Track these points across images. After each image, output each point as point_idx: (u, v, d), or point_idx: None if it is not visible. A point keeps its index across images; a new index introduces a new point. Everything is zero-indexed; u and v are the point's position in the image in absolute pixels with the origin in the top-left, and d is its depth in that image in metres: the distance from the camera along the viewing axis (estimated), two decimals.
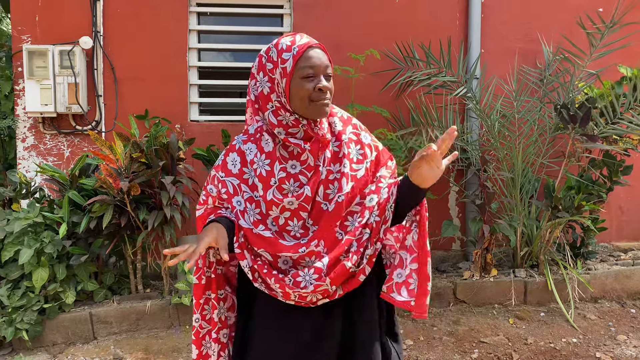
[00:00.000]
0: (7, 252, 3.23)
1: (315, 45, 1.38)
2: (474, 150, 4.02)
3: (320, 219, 1.41)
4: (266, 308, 1.48)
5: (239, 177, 1.43)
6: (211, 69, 4.30)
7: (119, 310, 3.39)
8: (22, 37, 3.91)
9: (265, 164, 1.40)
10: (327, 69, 1.37)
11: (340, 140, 1.45)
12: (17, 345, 3.28)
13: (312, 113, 1.37)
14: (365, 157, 1.48)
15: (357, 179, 1.44)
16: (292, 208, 1.39)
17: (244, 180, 1.43)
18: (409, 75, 4.08)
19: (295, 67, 1.35)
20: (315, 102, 1.35)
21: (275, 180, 1.39)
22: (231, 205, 1.44)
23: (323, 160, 1.41)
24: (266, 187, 1.39)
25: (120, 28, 4.02)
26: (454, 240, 4.44)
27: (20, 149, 3.96)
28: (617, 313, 3.64)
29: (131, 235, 3.51)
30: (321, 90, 1.35)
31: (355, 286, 1.42)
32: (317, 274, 1.35)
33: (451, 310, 3.67)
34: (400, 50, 4.15)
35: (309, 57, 1.35)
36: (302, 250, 1.38)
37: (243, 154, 1.45)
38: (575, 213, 3.77)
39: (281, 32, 4.31)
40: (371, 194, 1.45)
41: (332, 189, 1.41)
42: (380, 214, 1.43)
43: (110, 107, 4.04)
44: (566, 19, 4.34)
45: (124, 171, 3.30)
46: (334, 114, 1.50)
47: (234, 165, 1.45)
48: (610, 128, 3.75)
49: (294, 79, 1.35)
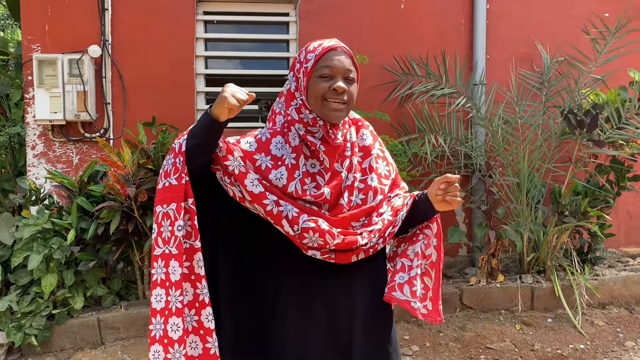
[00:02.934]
0: (16, 258, 3.27)
1: (340, 49, 1.40)
2: (479, 156, 4.02)
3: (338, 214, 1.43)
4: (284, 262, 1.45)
5: (251, 158, 1.41)
6: (218, 76, 4.34)
7: (126, 316, 3.42)
8: (32, 46, 3.97)
9: (291, 157, 1.41)
10: (347, 72, 1.39)
11: (369, 154, 1.50)
12: (26, 351, 3.31)
13: (325, 113, 1.37)
14: (389, 173, 1.55)
15: (385, 193, 1.50)
16: (304, 206, 1.40)
17: (253, 160, 1.41)
18: (409, 87, 4.11)
19: (315, 67, 1.38)
20: (328, 101, 1.36)
21: (300, 173, 1.40)
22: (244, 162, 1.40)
23: (348, 166, 1.44)
24: (290, 178, 1.39)
25: (128, 37, 4.08)
26: (460, 246, 4.43)
27: (30, 156, 4.01)
28: (626, 319, 3.61)
29: (139, 241, 3.53)
30: (336, 90, 1.35)
31: (346, 260, 1.41)
32: (322, 238, 1.35)
33: (457, 316, 3.66)
34: (399, 63, 4.17)
35: (329, 58, 1.38)
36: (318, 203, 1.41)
37: (264, 144, 1.44)
38: (582, 218, 3.75)
39: (287, 40, 4.35)
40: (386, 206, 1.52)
41: (355, 196, 1.44)
42: (392, 215, 1.49)
43: (118, 114, 4.09)
44: (572, 24, 4.35)
45: (132, 177, 3.34)
46: (366, 126, 1.56)
47: (249, 147, 1.44)
48: (616, 133, 3.74)
49: (312, 77, 1.38)
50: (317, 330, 1.43)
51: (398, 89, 4.16)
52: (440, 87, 4.04)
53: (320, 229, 1.34)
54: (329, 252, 1.39)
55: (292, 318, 1.43)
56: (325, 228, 1.34)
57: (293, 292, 1.43)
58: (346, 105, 1.39)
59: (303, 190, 1.38)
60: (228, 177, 1.39)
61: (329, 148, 1.40)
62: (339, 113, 1.38)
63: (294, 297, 1.43)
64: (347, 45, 1.44)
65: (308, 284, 1.44)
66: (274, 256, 1.44)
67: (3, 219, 3.46)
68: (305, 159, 1.41)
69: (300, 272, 1.43)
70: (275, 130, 1.46)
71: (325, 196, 1.39)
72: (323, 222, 1.35)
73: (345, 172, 1.43)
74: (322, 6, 4.22)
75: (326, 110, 1.37)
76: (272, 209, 1.35)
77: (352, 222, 1.42)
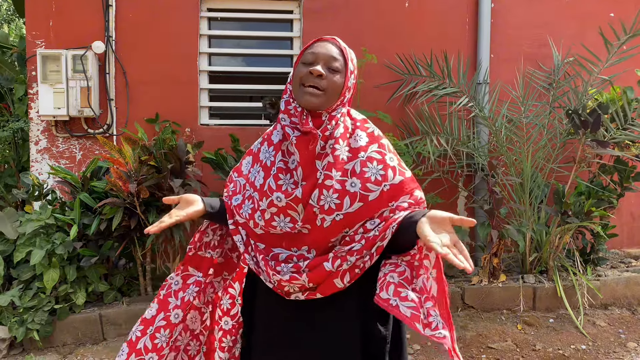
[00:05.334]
0: (19, 253, 3.28)
1: (328, 40, 1.39)
2: (482, 155, 4.01)
3: (313, 226, 1.34)
4: (265, 301, 1.50)
5: (247, 177, 1.48)
6: (221, 73, 4.34)
7: (128, 312, 3.43)
8: (36, 41, 3.97)
9: (271, 154, 1.42)
10: (331, 60, 1.34)
11: (356, 156, 1.36)
12: (27, 345, 3.32)
13: (299, 97, 1.34)
14: (385, 179, 1.35)
15: (368, 200, 1.32)
16: (279, 205, 1.34)
17: (251, 182, 1.45)
18: (412, 87, 4.10)
19: (302, 55, 1.38)
20: (304, 86, 1.33)
21: (275, 169, 1.38)
22: (231, 201, 1.52)
23: (327, 165, 1.34)
24: (266, 176, 1.40)
25: (132, 33, 4.08)
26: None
27: (33, 151, 4.02)
28: (628, 320, 3.60)
29: (141, 238, 3.54)
30: (311, 74, 1.32)
31: (331, 289, 1.34)
32: (295, 269, 1.35)
33: (459, 316, 3.65)
34: (403, 62, 4.16)
35: (315, 45, 1.37)
36: (294, 250, 1.39)
37: (256, 154, 1.49)
38: (585, 219, 3.74)
39: (291, 37, 4.34)
40: (378, 218, 1.35)
41: (326, 196, 1.32)
42: (382, 230, 1.30)
43: (121, 110, 4.09)
44: (576, 24, 4.33)
45: (134, 174, 3.34)
46: (365, 128, 1.43)
47: (247, 167, 1.51)
48: (621, 133, 3.73)
49: (298, 65, 1.38)
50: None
51: (402, 88, 4.15)
52: (442, 87, 4.03)
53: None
54: (309, 290, 1.36)
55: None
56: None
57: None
58: (323, 93, 1.33)
59: (278, 185, 1.35)
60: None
61: (299, 138, 1.34)
62: (312, 98, 1.32)
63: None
64: (349, 44, 1.43)
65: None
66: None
67: (6, 213, 3.47)
68: (283, 155, 1.39)
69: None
70: (268, 135, 1.48)
71: (296, 195, 1.32)
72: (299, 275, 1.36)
73: (320, 171, 1.34)
74: (326, 4, 4.21)
75: (300, 94, 1.34)
76: (249, 263, 1.45)
77: (330, 238, 1.34)
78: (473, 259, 4.39)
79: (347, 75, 1.37)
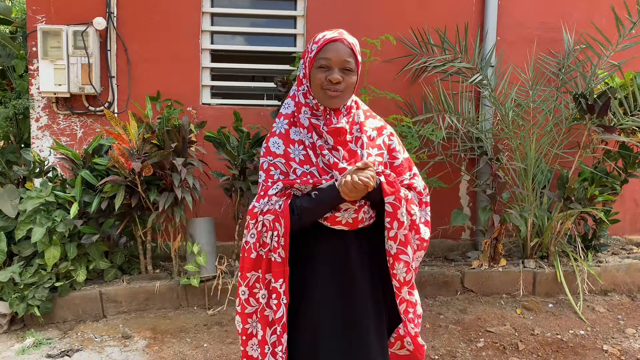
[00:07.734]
0: (20, 231, 3.28)
1: (339, 40, 1.51)
2: (487, 138, 3.97)
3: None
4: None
5: (284, 156, 1.56)
6: (224, 52, 4.29)
7: (128, 290, 3.44)
8: (37, 17, 3.92)
9: (308, 136, 1.56)
10: (345, 63, 1.51)
11: (380, 134, 1.64)
12: (28, 321, 3.34)
13: (323, 100, 1.54)
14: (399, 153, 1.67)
15: (394, 166, 1.65)
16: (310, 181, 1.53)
17: (290, 159, 1.55)
18: (424, 61, 4.03)
19: (316, 57, 1.52)
20: (325, 90, 1.52)
21: (317, 148, 1.55)
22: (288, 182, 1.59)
23: (362, 145, 1.57)
24: (315, 155, 1.56)
25: (134, 10, 4.02)
26: (464, 229, 4.41)
27: (34, 128, 4.00)
28: (627, 306, 3.61)
29: (141, 216, 3.54)
30: (331, 81, 1.49)
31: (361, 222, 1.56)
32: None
33: (458, 299, 3.66)
34: (416, 35, 4.10)
35: (328, 49, 1.50)
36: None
37: (285, 135, 1.58)
38: (587, 205, 3.72)
39: (294, 16, 4.27)
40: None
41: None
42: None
43: (122, 88, 4.06)
44: (585, 7, 4.25)
45: (136, 152, 3.32)
46: (374, 116, 1.69)
47: (278, 148, 1.58)
48: (628, 119, 3.68)
49: (314, 67, 1.53)
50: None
51: (412, 63, 4.09)
52: (457, 61, 3.96)
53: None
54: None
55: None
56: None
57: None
58: (343, 92, 1.53)
59: (334, 162, 1.52)
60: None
61: (331, 130, 1.54)
62: (336, 100, 1.53)
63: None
64: (355, 22, 1.42)
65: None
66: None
67: (7, 190, 3.46)
68: (318, 137, 1.56)
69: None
70: (287, 117, 1.61)
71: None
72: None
73: (359, 150, 1.57)
74: None
75: (324, 98, 1.53)
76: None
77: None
78: (474, 243, 4.39)
79: (358, 70, 1.56)
